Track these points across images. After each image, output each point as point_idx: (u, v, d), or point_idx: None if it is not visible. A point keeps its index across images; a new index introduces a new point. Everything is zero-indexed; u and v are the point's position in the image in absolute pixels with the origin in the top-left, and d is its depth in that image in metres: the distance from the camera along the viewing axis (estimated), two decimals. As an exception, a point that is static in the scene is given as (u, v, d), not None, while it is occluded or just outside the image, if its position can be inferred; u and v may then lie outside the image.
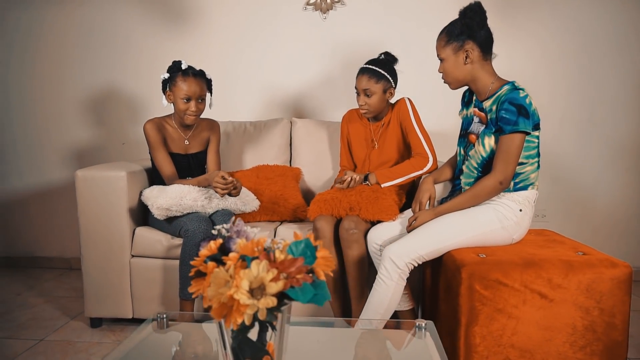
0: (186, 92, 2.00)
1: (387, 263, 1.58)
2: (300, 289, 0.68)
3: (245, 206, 2.07)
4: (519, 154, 1.58)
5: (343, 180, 1.91)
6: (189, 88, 2.00)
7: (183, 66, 2.03)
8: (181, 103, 2.02)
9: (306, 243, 0.74)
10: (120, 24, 2.78)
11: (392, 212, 1.84)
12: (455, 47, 1.66)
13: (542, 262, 1.43)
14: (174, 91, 2.02)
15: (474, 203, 1.65)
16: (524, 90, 1.59)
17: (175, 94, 2.02)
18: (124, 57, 2.80)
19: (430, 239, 1.59)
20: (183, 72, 2.02)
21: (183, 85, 2.00)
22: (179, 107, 2.03)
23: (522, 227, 1.64)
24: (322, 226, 1.89)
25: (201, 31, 2.76)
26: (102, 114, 2.86)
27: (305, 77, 2.78)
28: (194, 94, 2.02)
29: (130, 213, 2.05)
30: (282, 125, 2.51)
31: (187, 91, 2.00)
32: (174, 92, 2.02)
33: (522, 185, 1.64)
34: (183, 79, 2.01)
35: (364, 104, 1.99)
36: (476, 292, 1.41)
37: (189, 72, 2.03)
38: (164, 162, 2.06)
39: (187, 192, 1.93)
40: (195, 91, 2.02)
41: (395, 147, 2.07)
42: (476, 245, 1.61)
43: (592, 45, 2.69)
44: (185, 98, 2.01)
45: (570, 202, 2.78)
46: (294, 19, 2.73)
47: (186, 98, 2.01)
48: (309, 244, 0.75)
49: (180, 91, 2.00)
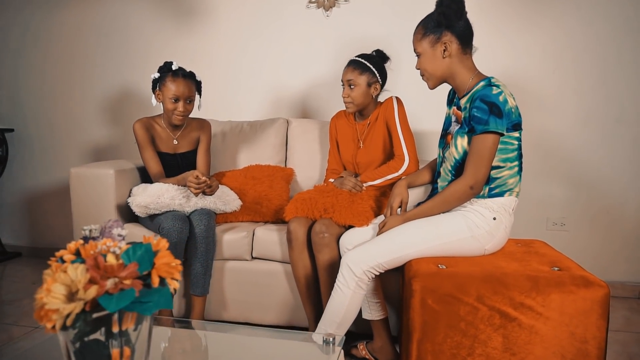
0: (174, 92, 2.02)
1: (345, 270, 1.50)
2: (117, 295, 0.64)
3: (225, 206, 2.06)
4: (492, 156, 1.44)
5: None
6: (178, 89, 2.02)
7: (173, 67, 2.06)
8: (169, 103, 2.05)
9: (146, 248, 0.70)
10: (131, 25, 2.88)
11: (365, 218, 1.75)
12: (432, 40, 1.55)
13: (503, 277, 1.29)
14: (163, 91, 2.06)
15: (443, 209, 1.52)
16: (498, 87, 1.45)
17: (164, 94, 2.05)
18: (136, 57, 2.90)
19: (391, 246, 1.49)
20: (173, 72, 2.05)
21: (172, 85, 2.03)
22: (167, 107, 2.06)
23: (496, 237, 1.49)
24: (295, 228, 1.83)
25: (208, 30, 2.80)
26: (118, 113, 2.98)
27: (309, 76, 2.73)
28: (182, 95, 2.04)
29: (118, 209, 2.10)
30: (278, 125, 2.48)
31: (175, 91, 2.02)
32: (163, 92, 2.05)
33: (498, 191, 1.50)
34: (172, 79, 2.03)
35: (347, 97, 1.93)
36: (428, 306, 1.30)
37: (178, 73, 2.05)
38: (150, 161, 2.10)
39: (165, 191, 1.95)
40: (184, 92, 2.04)
41: (380, 147, 1.97)
42: (443, 254, 1.49)
43: (620, 36, 2.42)
44: (173, 98, 2.03)
45: (595, 210, 2.52)
46: (298, 17, 2.70)
47: (174, 98, 2.03)
48: (149, 249, 0.70)
49: (169, 91, 2.03)
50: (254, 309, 2.01)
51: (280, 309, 1.99)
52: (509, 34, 2.50)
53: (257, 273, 2.00)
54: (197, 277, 1.92)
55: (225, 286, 2.03)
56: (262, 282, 2.00)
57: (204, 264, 1.92)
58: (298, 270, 1.85)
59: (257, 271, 2.01)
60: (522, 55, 2.51)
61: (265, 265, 2.01)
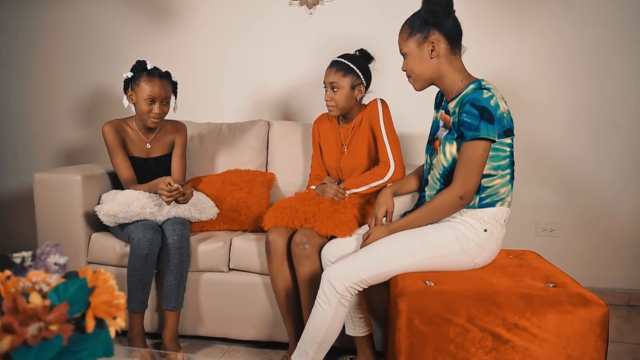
0: (150, 93, 1.90)
1: (326, 286, 1.39)
2: (38, 347, 0.52)
3: (201, 214, 1.94)
4: (483, 164, 1.35)
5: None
6: (154, 89, 1.90)
7: (148, 66, 1.94)
8: (144, 104, 1.92)
9: (80, 284, 0.59)
10: (107, 23, 2.73)
11: (348, 228, 1.64)
12: (419, 40, 1.45)
13: (496, 296, 1.20)
14: (137, 91, 1.93)
15: (431, 220, 1.43)
16: (489, 90, 1.36)
17: (139, 95, 1.92)
18: (112, 57, 2.75)
19: (375, 260, 1.39)
20: (148, 72, 1.93)
21: (147, 86, 1.90)
22: (142, 109, 1.93)
23: (488, 250, 1.40)
24: (274, 239, 1.72)
25: (185, 28, 2.66)
26: (90, 115, 2.83)
27: (292, 76, 2.62)
28: (159, 96, 1.92)
29: (86, 218, 1.97)
30: (258, 128, 2.37)
31: (151, 92, 1.90)
32: (137, 93, 1.93)
33: (489, 201, 1.41)
34: (148, 79, 1.91)
35: (329, 99, 1.82)
36: (415, 327, 1.20)
37: (154, 73, 1.93)
38: (121, 166, 1.97)
39: (135, 199, 1.83)
40: (160, 93, 1.92)
41: (365, 152, 1.87)
42: (431, 269, 1.39)
43: (611, 38, 2.36)
44: (149, 99, 1.91)
45: (585, 216, 2.46)
46: (280, 15, 2.58)
47: (150, 99, 1.91)
48: (83, 285, 0.59)
49: (143, 92, 1.91)
50: (231, 323, 1.90)
51: (260, 323, 1.88)
52: (497, 34, 2.42)
53: (234, 285, 1.89)
54: (170, 290, 1.80)
55: (200, 300, 1.91)
56: (240, 295, 1.88)
57: (177, 276, 1.80)
58: (277, 284, 1.74)
59: (234, 283, 1.89)
60: (512, 56, 2.43)
61: (243, 277, 1.89)
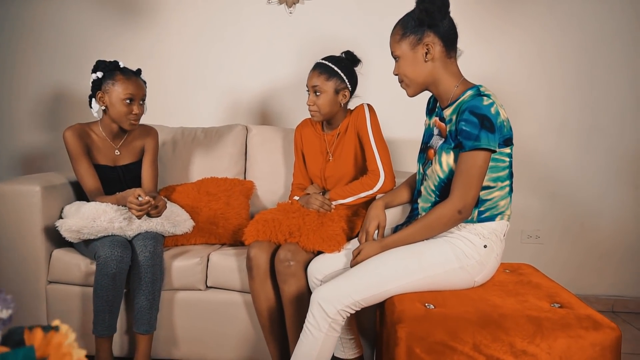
0: (130, 92, 1.76)
1: (315, 310, 1.28)
2: None
3: (175, 228, 1.79)
4: (482, 175, 1.27)
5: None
6: (132, 88, 1.77)
7: (121, 65, 1.79)
8: (122, 105, 1.76)
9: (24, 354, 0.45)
10: (71, 19, 2.53)
11: (336, 243, 1.53)
12: (412, 42, 1.35)
13: (503, 320, 1.11)
14: (111, 92, 1.77)
15: (427, 235, 1.33)
16: (489, 97, 1.27)
17: (114, 96, 1.76)
18: (75, 56, 2.55)
19: (368, 280, 1.28)
20: (122, 71, 1.78)
21: (124, 84, 1.76)
22: (119, 111, 1.77)
23: (487, 267, 1.32)
24: (256, 255, 1.59)
25: (158, 27, 2.50)
26: (52, 118, 2.62)
27: (270, 78, 2.49)
28: (138, 95, 1.78)
29: (46, 233, 1.79)
30: (235, 133, 2.23)
31: (132, 90, 1.76)
32: (112, 94, 1.77)
33: (488, 215, 1.32)
34: (125, 78, 1.76)
35: (312, 104, 1.71)
36: (416, 355, 1.10)
37: (129, 72, 1.80)
38: (85, 176, 1.80)
39: (102, 212, 1.66)
40: (139, 91, 1.79)
41: (351, 161, 1.76)
42: (427, 288, 1.30)
43: (594, 44, 2.34)
44: (127, 99, 1.76)
45: (570, 221, 2.43)
46: (258, 13, 2.45)
47: (129, 99, 1.76)
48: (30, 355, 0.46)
49: (120, 92, 1.76)
50: (209, 345, 1.76)
51: (240, 344, 1.74)
52: (482, 39, 2.36)
53: (212, 304, 1.75)
54: (141, 312, 1.65)
55: (175, 320, 1.76)
56: (218, 314, 1.74)
57: (149, 296, 1.65)
58: (260, 303, 1.61)
59: (212, 302, 1.75)
60: (496, 61, 2.37)
61: (222, 296, 1.75)
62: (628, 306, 2.45)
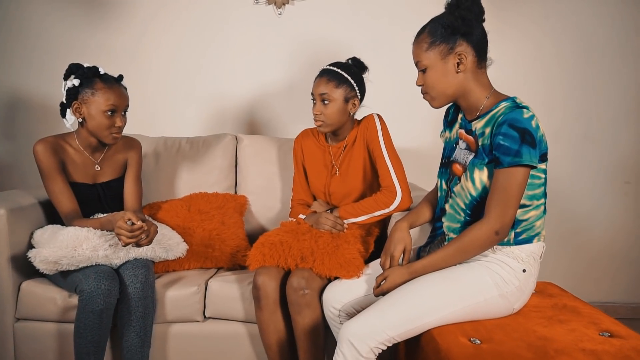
0: (112, 102, 1.55)
1: (346, 348, 1.14)
2: None
3: (167, 252, 1.60)
4: (521, 193, 1.17)
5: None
6: (115, 98, 1.56)
7: (101, 71, 1.59)
8: (103, 118, 1.55)
9: None
10: (34, 18, 2.26)
11: (355, 268, 1.40)
12: (443, 51, 1.24)
13: (559, 355, 1.02)
14: (90, 102, 1.55)
15: (461, 259, 1.23)
16: (528, 109, 1.19)
17: (94, 107, 1.55)
18: (39, 59, 2.28)
19: (403, 314, 1.16)
20: (103, 78, 1.57)
21: (106, 94, 1.55)
22: (99, 123, 1.56)
23: (526, 292, 1.23)
24: (264, 283, 1.44)
25: (136, 29, 2.28)
26: (11, 126, 2.34)
27: (258, 83, 2.33)
28: (121, 106, 1.58)
29: (13, 262, 1.56)
30: (225, 143, 2.05)
31: (114, 101, 1.55)
32: (91, 104, 1.55)
33: (525, 236, 1.23)
34: (106, 86, 1.55)
35: (319, 114, 1.57)
36: (469, 400, 0.99)
37: (111, 79, 1.59)
38: (60, 196, 1.58)
39: (84, 239, 1.45)
40: (122, 102, 1.59)
41: (360, 175, 1.63)
42: (464, 319, 1.19)
43: (589, 49, 2.33)
44: (109, 110, 1.55)
45: (563, 230, 2.42)
46: (245, 15, 2.28)
47: (111, 110, 1.55)
48: None
49: (102, 102, 1.55)
50: (208, 382, 1.59)
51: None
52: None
53: (212, 337, 1.58)
54: (132, 350, 1.46)
55: (169, 356, 1.58)
56: (219, 348, 1.57)
57: (141, 332, 1.46)
58: (269, 336, 1.46)
59: (212, 335, 1.58)
60: (491, 67, 2.32)
61: (223, 327, 1.59)
62: (619, 312, 2.46)
